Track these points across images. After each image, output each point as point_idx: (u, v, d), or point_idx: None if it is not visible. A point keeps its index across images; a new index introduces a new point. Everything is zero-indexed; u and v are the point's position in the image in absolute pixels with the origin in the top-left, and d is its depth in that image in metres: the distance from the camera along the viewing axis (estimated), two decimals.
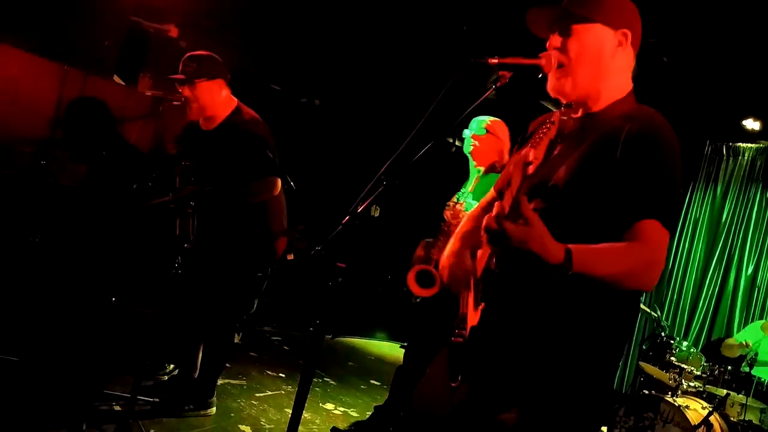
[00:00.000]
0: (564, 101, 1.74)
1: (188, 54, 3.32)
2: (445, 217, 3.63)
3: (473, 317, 1.67)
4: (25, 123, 4.03)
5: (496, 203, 1.37)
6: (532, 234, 1.35)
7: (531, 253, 1.36)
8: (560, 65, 1.67)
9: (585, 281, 1.43)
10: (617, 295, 1.58)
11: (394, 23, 5.97)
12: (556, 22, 1.70)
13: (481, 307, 1.63)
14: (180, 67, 3.30)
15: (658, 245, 1.51)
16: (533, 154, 1.35)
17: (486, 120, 3.57)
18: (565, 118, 1.61)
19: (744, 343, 4.29)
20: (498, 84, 1.65)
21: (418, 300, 3.52)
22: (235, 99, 3.43)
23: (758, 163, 6.45)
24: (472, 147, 3.57)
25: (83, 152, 4.12)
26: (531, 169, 1.34)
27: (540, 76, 1.71)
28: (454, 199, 3.65)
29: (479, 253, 1.80)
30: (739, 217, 6.48)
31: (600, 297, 1.57)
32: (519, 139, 1.97)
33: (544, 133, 1.34)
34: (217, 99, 3.33)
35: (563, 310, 1.57)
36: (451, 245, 1.90)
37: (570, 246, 1.40)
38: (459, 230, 1.96)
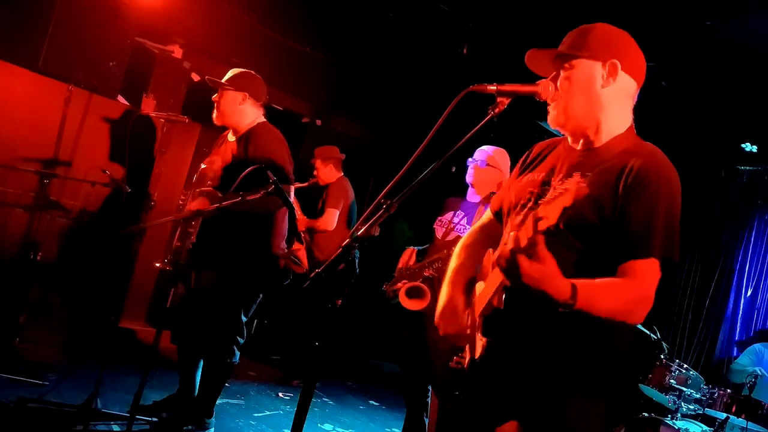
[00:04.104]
0: (562, 132, 1.81)
1: (234, 69, 3.55)
2: (437, 233, 3.69)
3: (473, 350, 1.71)
4: (29, 142, 4.05)
5: (511, 234, 1.39)
6: (545, 272, 1.39)
7: (540, 291, 1.40)
8: (555, 100, 1.76)
9: (583, 316, 1.48)
10: (613, 325, 1.62)
11: (395, 44, 6.04)
12: (552, 62, 1.80)
13: (483, 343, 1.66)
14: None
15: (648, 284, 1.56)
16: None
17: (488, 151, 3.68)
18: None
19: (756, 374, 4.26)
20: (496, 111, 1.69)
21: (396, 301, 3.57)
22: (263, 118, 3.57)
23: (757, 185, 6.46)
24: (473, 178, 3.66)
25: (89, 173, 4.14)
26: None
27: (537, 99, 1.77)
28: (450, 219, 3.70)
29: (479, 287, 1.82)
30: (738, 238, 6.49)
31: (601, 328, 1.63)
32: (521, 162, 2.00)
33: (557, 197, 1.34)
34: (236, 110, 3.48)
35: (567, 341, 1.64)
36: (446, 291, 1.90)
37: (575, 282, 1.44)
38: (453, 267, 1.98)
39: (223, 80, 3.49)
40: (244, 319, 3.47)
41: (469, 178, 3.69)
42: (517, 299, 1.60)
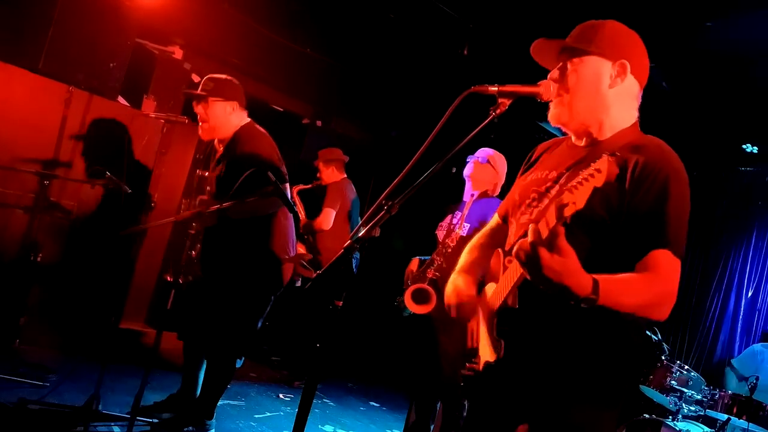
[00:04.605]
0: (564, 130, 1.79)
1: (209, 75, 3.47)
2: (438, 238, 3.72)
3: (487, 352, 1.69)
4: (29, 143, 4.05)
5: (531, 226, 1.34)
6: (567, 265, 1.34)
7: (561, 285, 1.35)
8: (559, 96, 1.73)
9: (604, 313, 1.44)
10: (630, 325, 1.64)
11: (396, 45, 6.04)
12: (557, 55, 1.77)
13: (501, 345, 1.65)
14: (199, 87, 3.44)
15: (672, 277, 1.54)
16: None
17: (490, 152, 3.79)
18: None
19: (754, 379, 4.25)
20: (497, 111, 1.69)
21: (408, 313, 3.59)
22: (247, 118, 3.52)
23: (757, 186, 6.44)
24: (471, 171, 3.75)
25: (89, 173, 4.14)
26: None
27: (539, 100, 1.76)
28: (449, 221, 3.74)
29: (489, 288, 1.81)
30: (738, 239, 6.48)
31: (617, 327, 1.63)
32: (524, 162, 2.00)
33: (586, 179, 1.29)
34: (228, 120, 3.44)
35: (585, 342, 1.63)
36: (456, 279, 1.93)
37: (596, 277, 1.40)
38: (463, 262, 1.99)
39: (205, 90, 3.39)
40: (258, 324, 3.47)
41: (467, 171, 3.77)
42: (532, 298, 1.57)
